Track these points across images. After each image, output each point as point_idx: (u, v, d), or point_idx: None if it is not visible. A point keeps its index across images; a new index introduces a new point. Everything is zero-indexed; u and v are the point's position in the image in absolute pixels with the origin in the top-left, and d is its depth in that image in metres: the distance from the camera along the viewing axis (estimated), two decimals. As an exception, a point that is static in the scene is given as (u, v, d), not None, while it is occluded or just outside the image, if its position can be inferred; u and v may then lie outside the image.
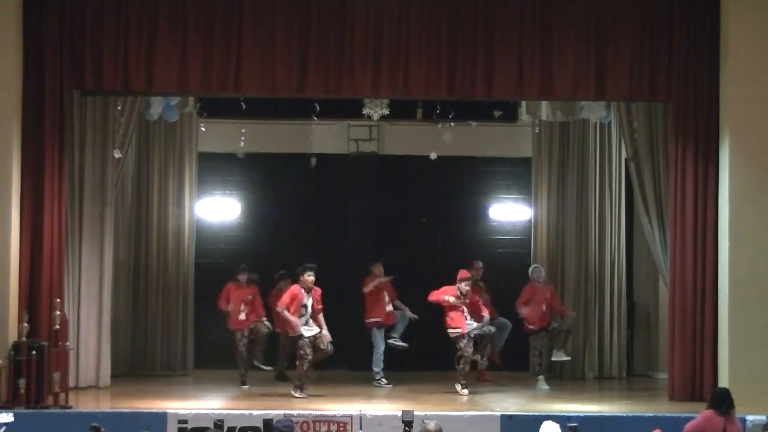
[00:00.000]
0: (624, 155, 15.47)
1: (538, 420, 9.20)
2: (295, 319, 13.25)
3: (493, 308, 14.77)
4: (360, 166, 17.07)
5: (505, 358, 15.29)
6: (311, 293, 13.42)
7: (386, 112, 14.92)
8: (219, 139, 16.58)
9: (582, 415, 11.61)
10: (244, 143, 16.21)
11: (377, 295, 14.73)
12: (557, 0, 13.28)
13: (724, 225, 12.93)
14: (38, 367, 12.08)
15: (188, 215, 16.36)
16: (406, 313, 14.84)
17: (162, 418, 11.51)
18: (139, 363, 15.93)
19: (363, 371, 14.80)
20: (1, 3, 12.82)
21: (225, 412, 11.87)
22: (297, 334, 13.31)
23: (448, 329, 13.84)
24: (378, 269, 14.83)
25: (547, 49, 13.20)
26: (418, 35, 13.19)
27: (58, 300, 12.71)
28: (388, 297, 14.79)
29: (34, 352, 12.10)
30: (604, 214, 16.19)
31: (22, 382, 12.03)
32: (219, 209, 17.14)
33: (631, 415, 11.94)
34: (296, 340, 13.40)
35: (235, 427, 11.48)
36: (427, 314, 14.54)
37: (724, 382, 12.31)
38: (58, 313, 12.51)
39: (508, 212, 17.21)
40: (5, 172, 12.72)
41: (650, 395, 14.06)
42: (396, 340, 14.74)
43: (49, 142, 12.98)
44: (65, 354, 12.68)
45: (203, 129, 16.31)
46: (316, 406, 12.34)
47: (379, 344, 14.64)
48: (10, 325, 12.49)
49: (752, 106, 12.86)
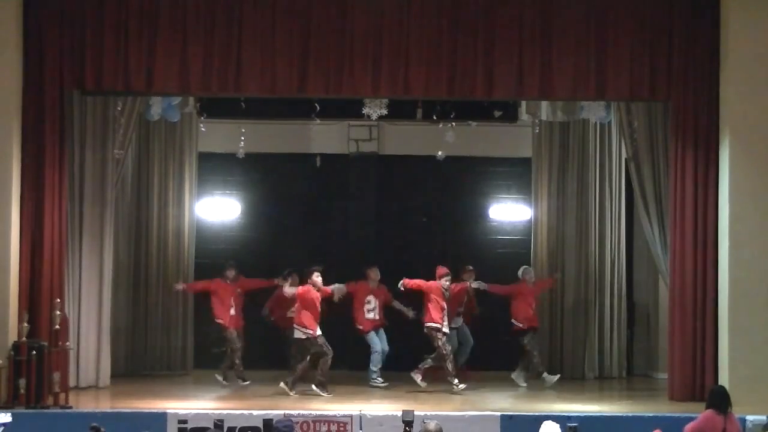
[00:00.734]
0: (624, 155, 15.46)
1: (538, 420, 9.19)
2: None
3: (469, 317, 15.07)
4: (360, 166, 17.05)
5: (505, 358, 15.29)
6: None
7: (385, 112, 14.90)
8: (219, 139, 16.55)
9: (582, 415, 11.62)
10: (244, 143, 16.19)
11: (359, 302, 14.59)
12: (557, 0, 13.30)
13: (724, 225, 12.93)
14: (38, 367, 12.08)
15: (188, 215, 16.34)
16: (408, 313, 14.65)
17: (162, 418, 11.52)
18: (139, 363, 15.91)
19: (363, 371, 14.76)
20: (1, 3, 12.82)
21: (225, 412, 11.86)
22: (315, 336, 13.59)
23: (425, 324, 13.97)
24: (374, 273, 14.67)
25: (547, 49, 13.21)
26: (418, 35, 13.20)
27: (58, 300, 12.71)
28: (376, 302, 14.58)
29: (34, 352, 12.10)
30: (604, 214, 16.18)
31: (22, 382, 12.03)
32: (219, 209, 17.13)
33: (631, 415, 11.94)
34: (312, 340, 13.64)
35: (235, 427, 11.49)
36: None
37: (724, 382, 12.29)
38: (58, 313, 12.51)
39: (508, 212, 17.20)
40: (5, 172, 12.73)
41: (650, 395, 14.06)
42: (375, 377, 14.45)
43: (49, 142, 12.99)
44: (65, 354, 12.69)
45: (203, 129, 16.29)
46: (316, 406, 12.34)
47: (375, 344, 14.54)
48: (10, 325, 12.50)
49: (752, 106, 12.87)
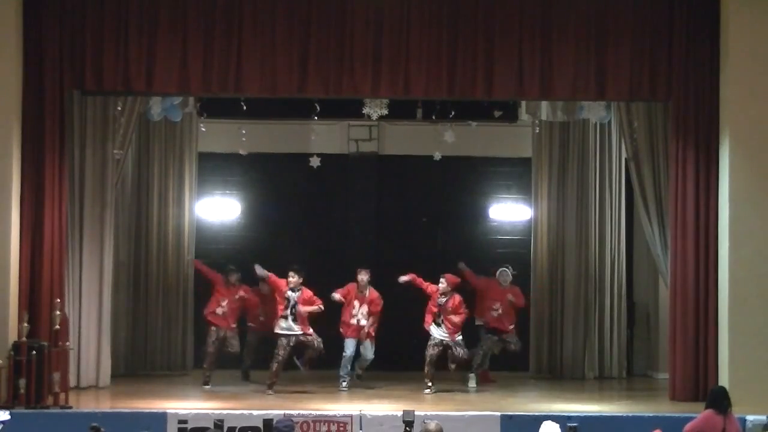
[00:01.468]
0: (624, 155, 15.46)
1: (538, 420, 9.20)
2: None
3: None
4: (360, 166, 17.06)
5: (503, 358, 15.29)
6: (299, 292, 13.56)
7: (385, 112, 14.89)
8: (219, 139, 16.54)
9: (582, 415, 11.62)
10: (244, 143, 16.18)
11: (346, 306, 14.38)
12: (557, 1, 13.29)
13: (724, 225, 12.93)
14: (38, 367, 12.07)
15: (188, 215, 16.34)
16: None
17: (162, 418, 11.52)
18: (139, 363, 15.91)
19: (363, 371, 14.76)
20: (1, 3, 12.82)
21: (225, 412, 11.85)
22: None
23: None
24: (361, 275, 14.33)
25: (547, 49, 13.21)
26: (418, 35, 13.20)
27: (58, 300, 12.71)
28: (360, 309, 14.26)
29: (34, 352, 12.09)
30: (604, 214, 16.18)
31: (22, 382, 12.02)
32: (219, 209, 17.13)
33: (631, 415, 11.94)
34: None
35: (235, 427, 11.49)
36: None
37: (724, 382, 12.30)
38: (58, 313, 12.51)
39: (508, 212, 17.19)
40: (5, 172, 12.73)
41: (650, 395, 14.06)
42: (341, 380, 14.15)
43: (49, 142, 12.99)
44: (65, 354, 12.68)
45: (203, 129, 16.29)
46: (316, 406, 12.34)
47: (346, 348, 14.22)
48: (10, 325, 12.49)
49: (752, 106, 12.87)
